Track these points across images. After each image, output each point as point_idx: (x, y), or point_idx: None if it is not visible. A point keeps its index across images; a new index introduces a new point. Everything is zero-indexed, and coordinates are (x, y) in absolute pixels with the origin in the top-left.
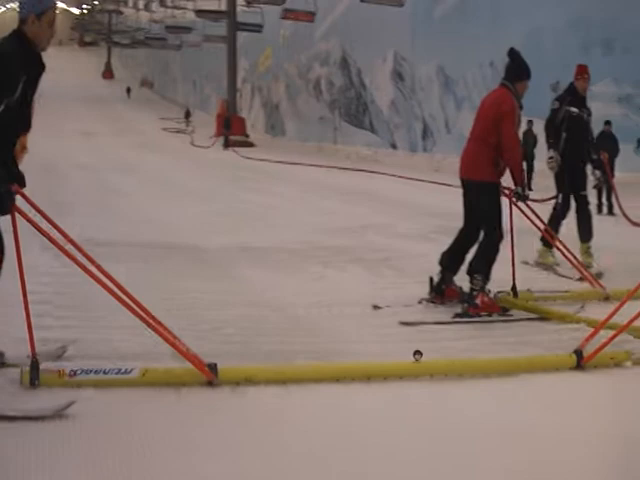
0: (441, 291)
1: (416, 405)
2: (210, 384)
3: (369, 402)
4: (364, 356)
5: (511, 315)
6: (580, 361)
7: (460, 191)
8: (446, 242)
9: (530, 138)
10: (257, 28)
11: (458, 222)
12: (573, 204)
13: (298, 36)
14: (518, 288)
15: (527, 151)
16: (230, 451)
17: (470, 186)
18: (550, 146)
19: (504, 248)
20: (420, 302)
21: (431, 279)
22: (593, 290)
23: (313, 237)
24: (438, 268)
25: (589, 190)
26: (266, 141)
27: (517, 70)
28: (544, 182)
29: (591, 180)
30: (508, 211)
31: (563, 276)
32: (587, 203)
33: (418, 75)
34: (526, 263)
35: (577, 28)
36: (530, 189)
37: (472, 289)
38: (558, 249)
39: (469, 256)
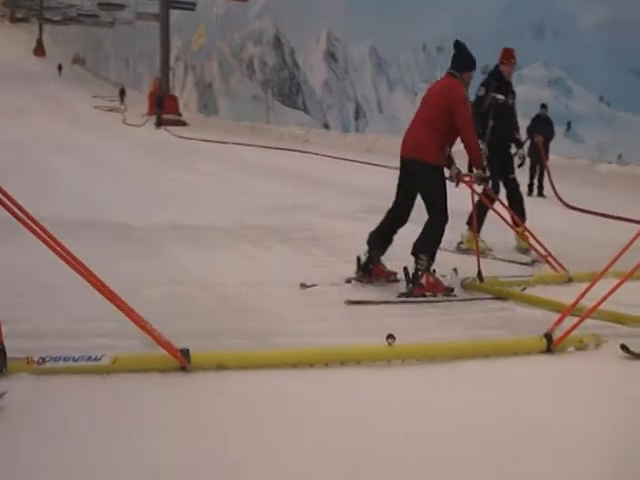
0: (368, 270)
1: (379, 390)
2: (183, 369)
3: (331, 388)
4: (301, 336)
5: (455, 296)
6: (550, 344)
7: (391, 171)
8: (374, 222)
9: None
10: (190, 6)
11: (387, 202)
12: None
13: (231, 15)
14: (477, 274)
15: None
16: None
17: (415, 167)
18: (479, 136)
19: (447, 231)
20: (348, 281)
21: (358, 258)
22: (556, 274)
23: (243, 216)
24: (366, 247)
25: (517, 171)
26: (199, 120)
27: (463, 61)
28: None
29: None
30: (470, 198)
31: (524, 264)
32: (517, 186)
33: (351, 56)
34: (483, 253)
35: (509, 13)
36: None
37: (417, 269)
38: (516, 231)
39: (402, 238)
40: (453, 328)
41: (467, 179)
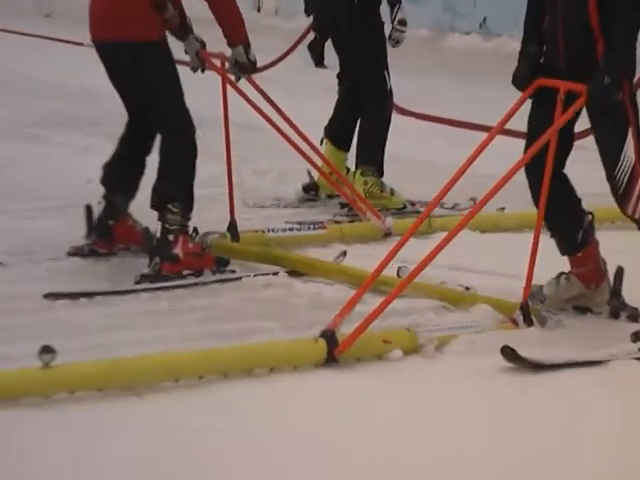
0: (107, 231)
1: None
2: None
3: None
4: None
5: (234, 272)
6: (333, 350)
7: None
8: (105, 148)
9: None
10: None
11: (99, 108)
12: None
13: None
14: (241, 227)
15: None
16: None
17: (118, 53)
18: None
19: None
20: (73, 253)
21: (89, 210)
22: (367, 224)
23: None
24: (101, 191)
25: None
26: None
27: None
28: None
29: None
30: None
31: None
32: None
33: None
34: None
35: None
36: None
37: (165, 230)
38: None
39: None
40: (182, 323)
41: (216, 61)
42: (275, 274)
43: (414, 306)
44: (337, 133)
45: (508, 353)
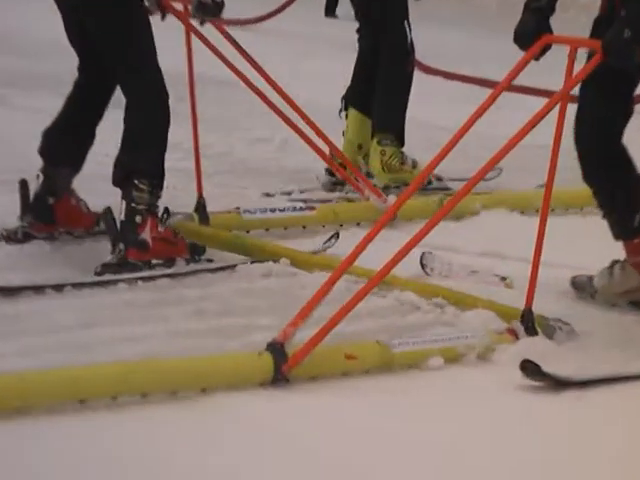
0: (46, 210)
1: None
2: None
3: None
4: None
5: (211, 261)
6: (280, 367)
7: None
8: (49, 111)
9: None
10: None
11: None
12: None
13: None
14: (196, 206)
15: None
16: None
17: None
18: None
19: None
20: (5, 237)
21: (24, 185)
22: (366, 205)
23: None
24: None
25: None
26: None
27: None
28: None
29: None
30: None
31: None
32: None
33: None
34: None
35: None
36: None
37: (131, 210)
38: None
39: None
40: (166, 317)
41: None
42: (276, 261)
43: (398, 309)
44: (361, 97)
45: (530, 368)
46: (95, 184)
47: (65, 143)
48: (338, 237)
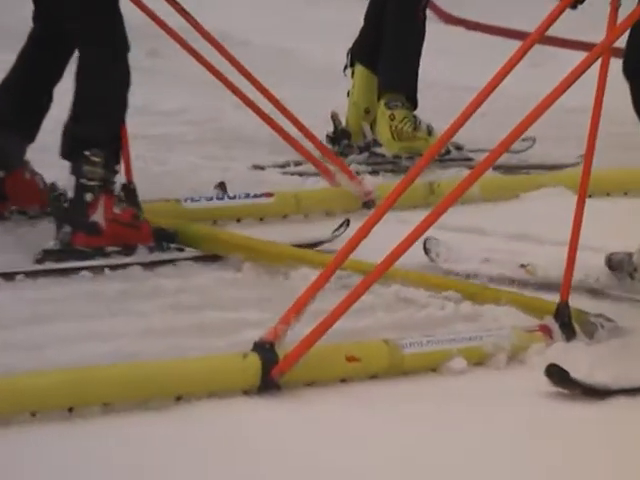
0: None
1: None
2: None
3: None
4: None
5: (182, 250)
6: (269, 371)
7: None
8: None
9: None
10: None
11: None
12: None
13: None
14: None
15: None
16: None
17: None
18: None
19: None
20: None
21: None
22: (337, 190)
23: None
24: None
25: None
26: None
27: None
28: None
29: None
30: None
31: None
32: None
33: None
34: None
35: None
36: None
37: (81, 187)
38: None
39: None
40: (140, 312)
41: None
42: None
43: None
44: (370, 51)
45: (556, 374)
46: (53, 156)
47: (17, 107)
48: (348, 225)
